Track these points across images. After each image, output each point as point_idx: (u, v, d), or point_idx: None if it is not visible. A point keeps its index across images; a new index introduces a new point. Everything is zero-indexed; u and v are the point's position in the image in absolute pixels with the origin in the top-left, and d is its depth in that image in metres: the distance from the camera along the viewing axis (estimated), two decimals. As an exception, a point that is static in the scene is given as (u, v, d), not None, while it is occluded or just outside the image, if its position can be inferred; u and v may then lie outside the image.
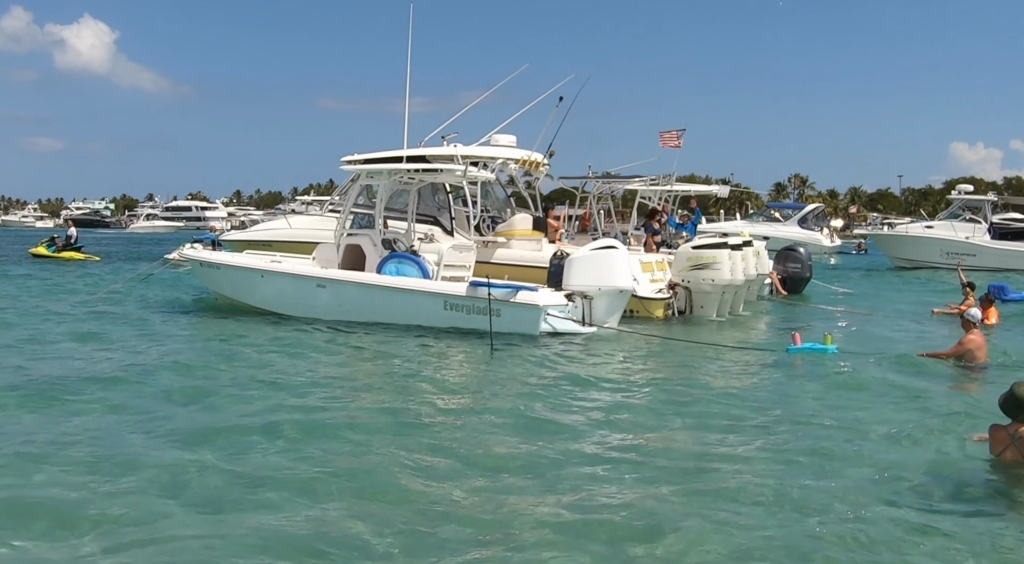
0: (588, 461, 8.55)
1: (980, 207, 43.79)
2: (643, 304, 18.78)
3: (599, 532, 6.65)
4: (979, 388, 12.56)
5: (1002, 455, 7.95)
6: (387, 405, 10.86)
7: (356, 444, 9.00)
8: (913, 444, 9.29)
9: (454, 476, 7.97)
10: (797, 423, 10.16)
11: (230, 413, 10.26)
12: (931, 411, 10.76)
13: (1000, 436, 8.00)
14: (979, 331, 14.29)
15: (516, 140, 21.43)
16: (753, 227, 46.75)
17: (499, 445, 9.07)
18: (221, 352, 14.54)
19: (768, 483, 7.83)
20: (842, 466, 8.42)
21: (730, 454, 8.85)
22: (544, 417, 10.28)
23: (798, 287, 26.74)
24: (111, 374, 12.39)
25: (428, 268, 17.39)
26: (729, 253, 19.85)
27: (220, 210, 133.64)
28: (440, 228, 21.10)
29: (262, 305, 18.75)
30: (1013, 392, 7.83)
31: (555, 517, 6.92)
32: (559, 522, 6.81)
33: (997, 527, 6.88)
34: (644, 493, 7.58)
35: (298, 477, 7.87)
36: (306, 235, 23.39)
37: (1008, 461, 7.90)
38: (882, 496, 7.52)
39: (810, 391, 12.07)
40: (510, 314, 16.08)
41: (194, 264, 20.53)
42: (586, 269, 17.16)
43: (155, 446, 8.80)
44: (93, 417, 9.93)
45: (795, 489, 7.63)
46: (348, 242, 18.58)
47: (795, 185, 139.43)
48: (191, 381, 11.97)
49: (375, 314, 17.29)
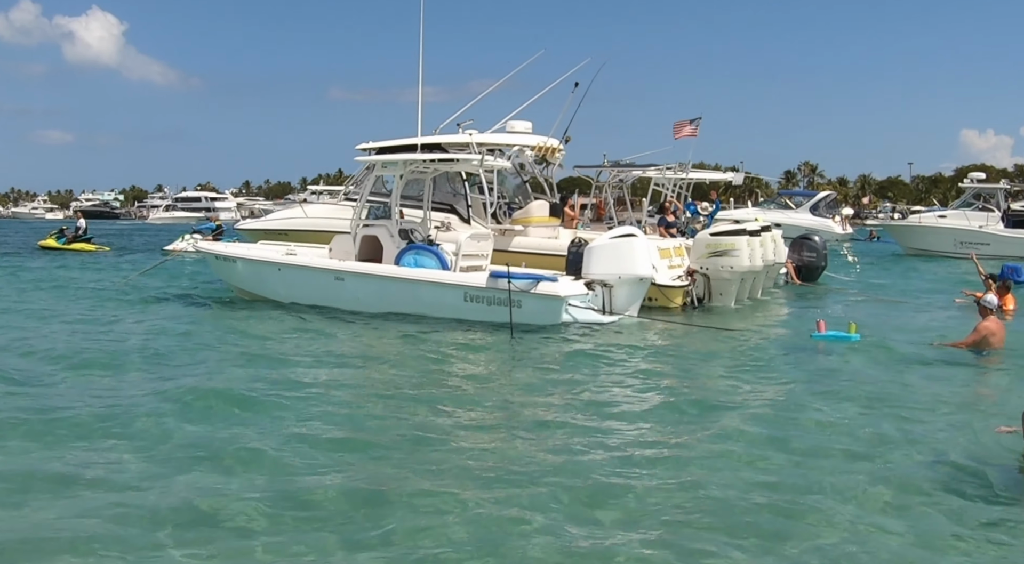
0: (610, 453, 8.47)
1: (993, 195, 43.53)
2: (661, 292, 18.66)
3: (622, 523, 6.67)
4: (1000, 376, 12.47)
5: None
6: (408, 398, 10.79)
7: (375, 444, 8.83)
8: (941, 435, 9.18)
9: (471, 470, 7.88)
10: (823, 412, 10.06)
11: (251, 406, 10.18)
12: (956, 402, 10.71)
13: None
14: (995, 318, 14.17)
15: (532, 126, 21.35)
16: (765, 214, 46.42)
17: (520, 439, 8.97)
18: (235, 346, 14.42)
19: (800, 474, 7.81)
20: (867, 459, 8.32)
21: (756, 447, 8.76)
22: (567, 409, 10.19)
23: (813, 276, 26.47)
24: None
25: (447, 259, 17.30)
26: (748, 239, 19.68)
27: (230, 201, 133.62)
28: (457, 216, 20.98)
29: (280, 298, 18.67)
30: None
31: (578, 512, 6.88)
32: (583, 516, 6.78)
33: None
34: (666, 482, 7.54)
35: (321, 464, 7.93)
36: (322, 224, 23.26)
37: None
38: (913, 488, 7.46)
39: (834, 379, 11.95)
40: (531, 305, 15.98)
41: (210, 258, 20.43)
42: (606, 257, 17.05)
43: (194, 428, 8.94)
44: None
45: (826, 482, 7.56)
46: (365, 233, 18.49)
47: (805, 173, 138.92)
48: (222, 375, 11.85)
49: (395, 306, 17.20)
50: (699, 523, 6.61)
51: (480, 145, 19.57)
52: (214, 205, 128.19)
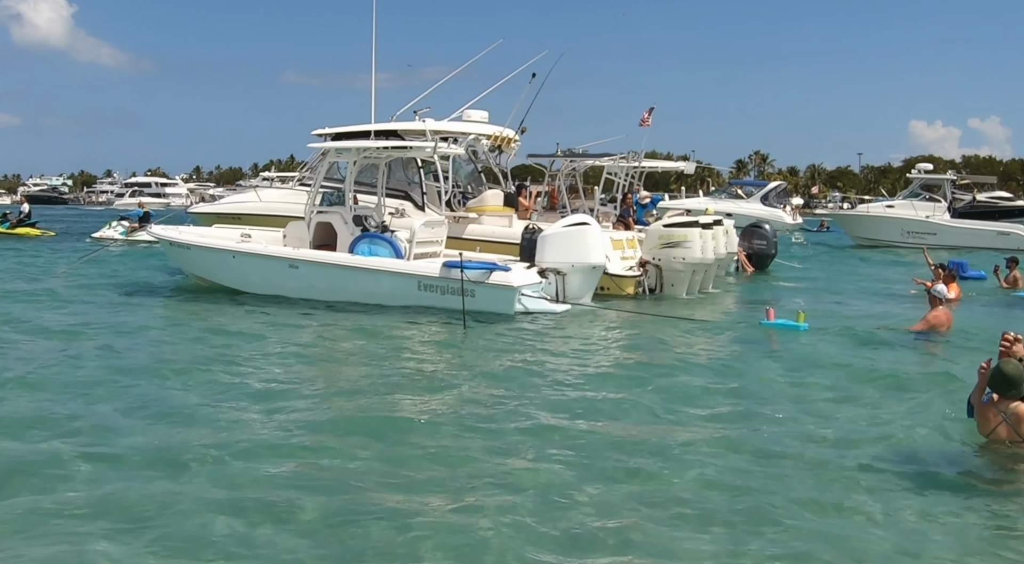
0: (558, 440, 8.54)
1: (940, 186, 44.28)
2: (614, 281, 18.85)
3: (563, 510, 6.73)
4: (949, 362, 12.73)
5: (994, 433, 7.98)
6: (358, 387, 10.80)
7: (325, 429, 8.89)
8: (890, 419, 9.36)
9: (422, 460, 7.90)
10: (769, 399, 10.23)
11: (196, 395, 10.13)
12: (905, 387, 10.91)
13: (990, 414, 8.02)
14: (944, 308, 14.51)
15: (488, 116, 21.42)
16: (716, 204, 46.86)
17: (469, 427, 8.98)
18: (188, 334, 14.33)
19: (744, 459, 7.97)
20: (818, 444, 8.47)
21: (701, 430, 8.92)
22: (519, 401, 10.19)
23: (764, 263, 27.09)
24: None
25: (400, 247, 17.32)
26: (700, 232, 19.95)
27: (180, 186, 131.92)
28: (411, 203, 21.00)
29: (234, 285, 18.59)
30: (1000, 369, 7.86)
31: (522, 498, 6.93)
32: (525, 503, 6.83)
33: (995, 507, 6.95)
34: (620, 474, 7.58)
35: (265, 455, 7.90)
36: (276, 208, 23.20)
37: (1002, 438, 7.94)
38: (866, 472, 7.61)
39: (781, 366, 12.16)
40: (484, 294, 16.06)
41: (164, 244, 20.24)
42: (559, 245, 17.22)
43: (131, 428, 8.77)
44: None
45: (778, 469, 7.71)
46: (319, 219, 18.46)
47: (755, 162, 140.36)
48: (156, 367, 11.71)
49: (348, 294, 17.18)
50: (656, 515, 6.66)
51: (435, 133, 19.60)
52: (164, 191, 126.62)
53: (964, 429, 8.54)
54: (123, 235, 35.37)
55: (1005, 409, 7.91)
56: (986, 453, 8.01)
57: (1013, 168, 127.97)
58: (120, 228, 36.30)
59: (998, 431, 7.96)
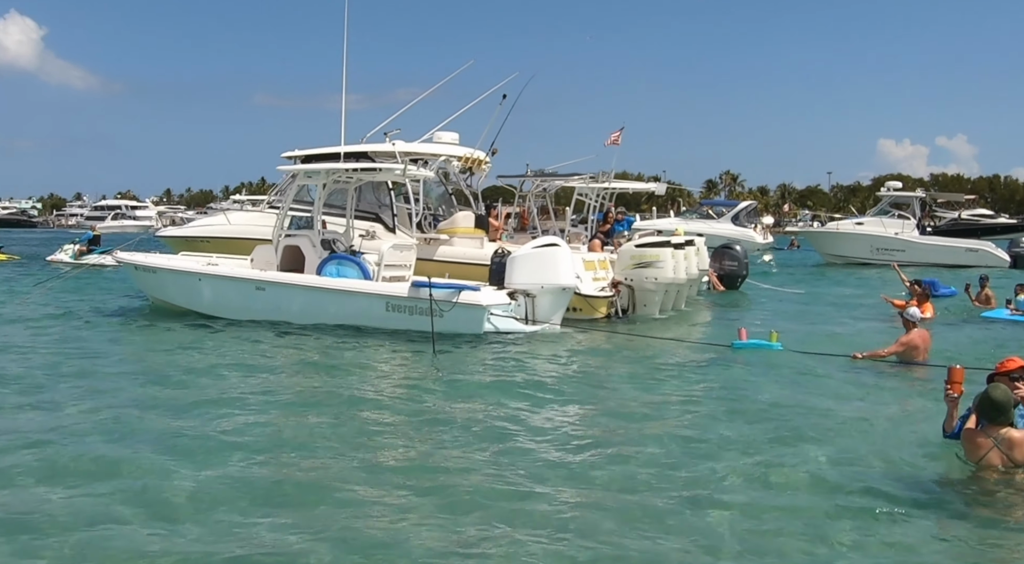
0: (527, 462, 8.47)
1: (909, 203, 44.63)
2: (586, 302, 18.75)
3: (534, 530, 6.67)
4: (923, 384, 12.65)
5: (984, 459, 7.84)
6: (326, 409, 10.64)
7: (294, 449, 8.82)
8: (864, 444, 9.23)
9: (391, 481, 7.85)
10: (742, 422, 10.06)
11: (160, 421, 9.95)
12: (880, 411, 10.79)
13: (979, 441, 7.89)
14: (920, 330, 14.41)
15: (459, 138, 21.35)
16: (687, 224, 47.04)
17: (439, 448, 8.93)
18: (156, 359, 14.16)
19: (713, 483, 7.86)
20: (790, 468, 8.29)
21: (669, 452, 8.80)
22: (485, 419, 10.14)
23: (734, 284, 27.18)
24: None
25: (369, 269, 17.18)
26: (672, 252, 19.92)
27: (150, 209, 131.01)
28: (381, 225, 20.88)
29: (200, 309, 18.38)
30: (989, 395, 7.75)
31: (491, 519, 6.88)
32: (496, 524, 6.77)
33: (990, 533, 6.83)
34: (579, 493, 7.53)
35: (231, 482, 7.75)
36: (245, 231, 22.95)
37: (994, 464, 7.80)
38: (837, 500, 7.45)
39: (755, 389, 11.98)
40: (453, 314, 15.93)
41: (129, 268, 20.02)
42: (528, 267, 17.12)
43: (98, 449, 8.65)
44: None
45: (751, 495, 7.60)
46: (287, 243, 18.30)
47: (726, 182, 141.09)
48: (126, 389, 11.64)
49: (317, 316, 17.02)
50: (617, 540, 6.57)
51: (406, 155, 19.48)
52: (135, 214, 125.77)
53: (948, 455, 8.39)
54: (72, 258, 35.08)
55: (996, 435, 7.80)
56: (977, 480, 7.84)
57: (981, 185, 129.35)
58: (70, 251, 36.10)
59: (989, 457, 7.82)
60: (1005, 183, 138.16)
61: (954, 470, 8.13)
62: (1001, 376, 8.09)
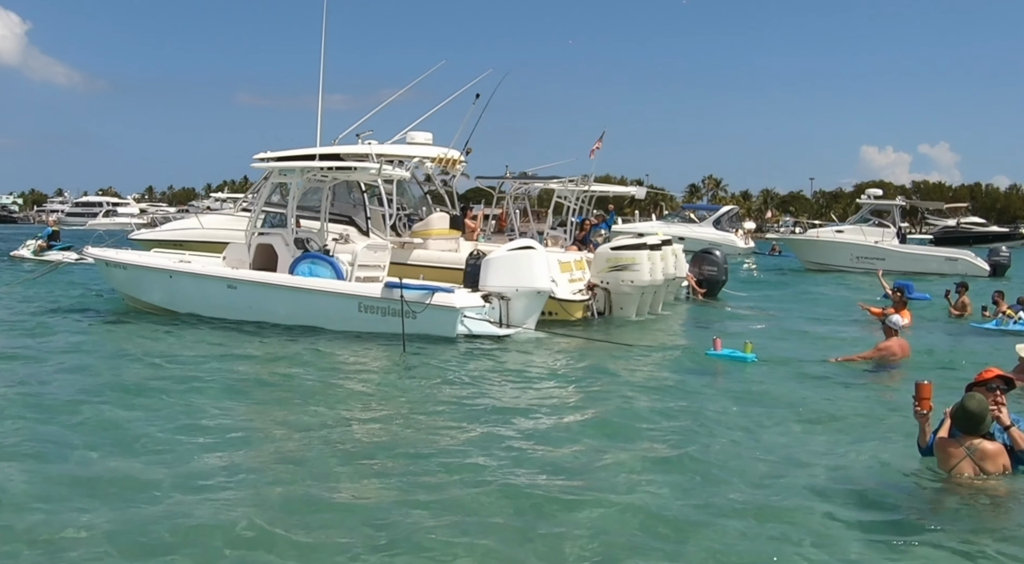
0: (492, 467, 8.32)
1: (889, 211, 44.62)
2: (562, 305, 18.57)
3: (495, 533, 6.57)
4: (900, 392, 12.49)
5: (956, 469, 7.74)
6: (292, 411, 10.46)
7: (261, 451, 8.69)
8: (843, 456, 9.03)
9: (356, 482, 7.77)
10: (711, 433, 9.80)
11: (127, 421, 9.77)
12: (854, 420, 10.59)
13: (951, 450, 7.78)
14: (899, 338, 14.24)
15: (432, 137, 21.14)
16: (669, 228, 47.10)
17: (404, 453, 8.74)
18: (122, 357, 13.92)
19: (682, 494, 7.69)
20: (765, 480, 8.14)
21: (637, 462, 8.61)
22: (455, 427, 9.92)
23: (714, 290, 26.99)
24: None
25: (342, 269, 16.97)
26: (648, 254, 19.76)
27: (132, 206, 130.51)
28: (355, 228, 20.66)
29: (170, 306, 18.15)
30: (964, 405, 7.65)
31: (454, 524, 6.76)
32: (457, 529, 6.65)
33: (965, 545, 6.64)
34: (555, 504, 7.33)
35: (205, 486, 7.58)
36: (218, 235, 22.71)
37: (966, 473, 7.71)
38: (810, 508, 7.31)
39: (726, 399, 11.70)
40: (426, 316, 15.73)
41: (100, 264, 19.77)
42: (503, 270, 16.92)
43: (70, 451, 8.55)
44: None
45: (713, 502, 7.45)
46: (260, 242, 18.07)
47: (709, 187, 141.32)
48: (93, 393, 11.33)
49: (287, 316, 16.81)
50: (589, 548, 6.44)
51: (380, 156, 19.25)
52: (116, 210, 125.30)
53: (919, 464, 8.26)
54: (33, 254, 35.40)
55: (968, 445, 7.69)
56: (948, 489, 7.70)
57: (963, 193, 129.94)
58: (32, 246, 36.27)
59: (961, 467, 7.72)
60: (986, 191, 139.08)
61: (924, 479, 7.99)
62: (979, 386, 7.97)
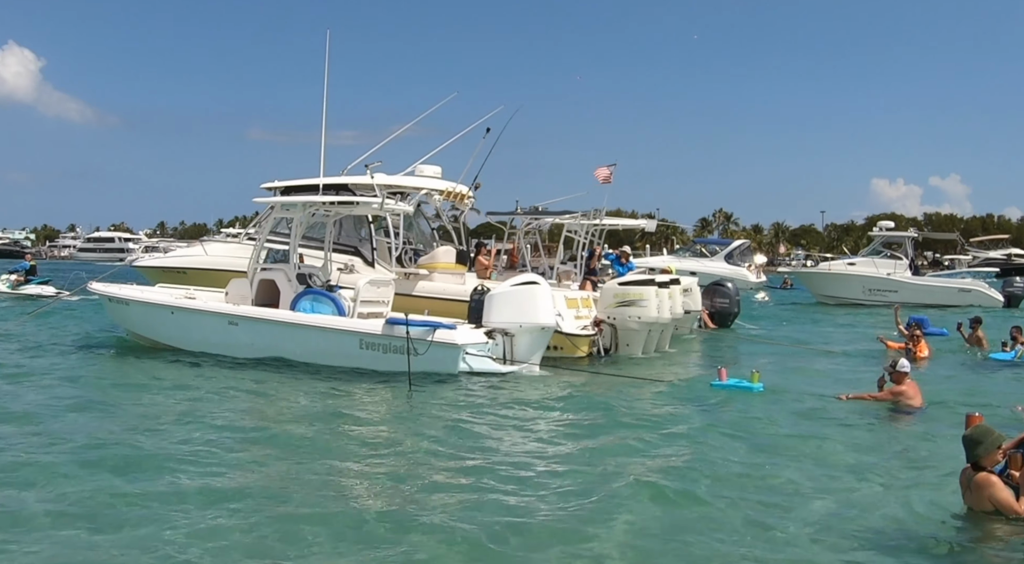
0: (503, 509, 8.09)
1: (901, 243, 44.31)
2: (568, 340, 18.29)
3: None
4: (912, 428, 12.22)
5: (965, 500, 7.67)
6: (296, 455, 10.19)
7: (265, 495, 8.44)
8: (842, 492, 8.82)
9: (363, 527, 7.55)
10: (715, 472, 9.52)
11: (117, 460, 9.54)
12: (863, 457, 10.35)
13: (961, 481, 7.76)
14: (911, 381, 13.75)
15: (441, 171, 20.98)
16: (680, 262, 46.79)
17: (413, 495, 8.54)
18: (123, 395, 13.68)
19: (686, 533, 7.44)
20: (771, 518, 7.88)
21: (638, 499, 8.37)
22: (461, 468, 9.70)
23: (725, 322, 26.83)
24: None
25: (344, 305, 16.71)
26: (656, 290, 19.48)
27: (143, 241, 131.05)
28: (361, 259, 20.44)
29: (173, 343, 17.93)
30: (965, 434, 7.61)
31: None
32: None
33: None
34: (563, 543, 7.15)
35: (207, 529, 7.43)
36: (222, 263, 22.56)
37: (967, 505, 7.64)
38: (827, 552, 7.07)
39: (732, 434, 11.42)
40: (428, 353, 15.40)
41: (103, 300, 19.61)
42: (507, 305, 16.58)
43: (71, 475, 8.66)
44: None
45: (716, 543, 7.19)
46: (262, 277, 17.84)
47: (719, 220, 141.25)
48: (95, 430, 11.15)
49: (289, 353, 16.55)
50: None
51: (386, 188, 19.07)
52: (128, 246, 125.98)
53: (929, 500, 8.10)
54: (10, 288, 35.62)
55: (970, 477, 7.55)
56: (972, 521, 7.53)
57: (974, 225, 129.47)
58: (7, 281, 36.45)
59: (965, 498, 7.65)
60: (998, 223, 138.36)
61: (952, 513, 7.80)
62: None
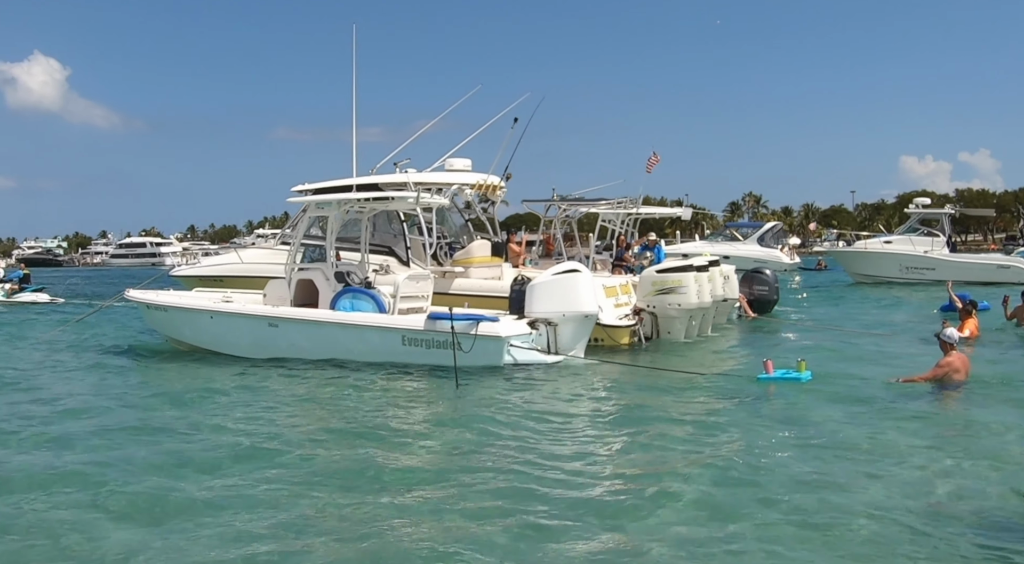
0: (555, 503, 8.00)
1: (938, 220, 43.67)
2: (608, 332, 18.10)
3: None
4: (965, 412, 11.91)
5: None
6: (348, 452, 10.15)
7: (319, 494, 8.43)
8: (906, 481, 8.58)
9: (424, 522, 7.53)
10: (772, 461, 9.35)
11: (173, 455, 9.69)
12: (920, 443, 10.08)
13: None
14: (958, 352, 13.58)
15: (471, 164, 20.82)
16: (713, 247, 46.33)
17: (472, 491, 8.45)
18: (168, 400, 13.66)
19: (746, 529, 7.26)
20: (827, 512, 7.65)
21: (688, 492, 8.22)
22: (512, 458, 9.60)
23: (765, 309, 26.30)
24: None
25: (384, 301, 16.63)
26: (695, 276, 19.24)
27: (175, 245, 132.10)
28: (395, 258, 20.32)
29: (213, 347, 17.91)
30: None
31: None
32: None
33: None
34: (609, 536, 7.12)
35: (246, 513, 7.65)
36: (258, 269, 22.54)
37: None
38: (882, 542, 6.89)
39: (784, 425, 11.16)
40: (471, 346, 15.28)
41: (141, 307, 19.61)
42: (549, 295, 16.42)
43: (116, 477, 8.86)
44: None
45: (775, 541, 7.00)
46: (300, 277, 17.79)
47: (749, 204, 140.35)
48: (144, 435, 11.15)
49: (331, 352, 16.47)
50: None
51: (418, 184, 18.95)
52: (159, 250, 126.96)
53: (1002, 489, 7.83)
54: (4, 297, 36.47)
55: None
56: None
57: (1006, 200, 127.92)
58: (1, 290, 37.22)
59: None
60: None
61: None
62: None
